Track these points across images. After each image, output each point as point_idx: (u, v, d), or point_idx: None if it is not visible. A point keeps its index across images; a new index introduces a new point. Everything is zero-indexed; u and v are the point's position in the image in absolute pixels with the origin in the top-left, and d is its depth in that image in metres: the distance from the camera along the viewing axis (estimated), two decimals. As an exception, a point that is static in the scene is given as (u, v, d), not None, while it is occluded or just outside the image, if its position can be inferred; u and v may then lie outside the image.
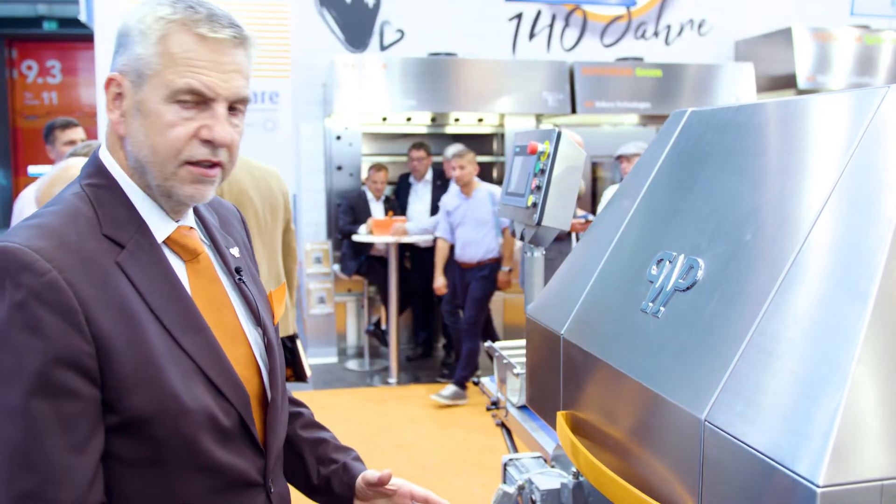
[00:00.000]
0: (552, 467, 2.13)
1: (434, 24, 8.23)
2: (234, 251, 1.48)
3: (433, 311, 7.87)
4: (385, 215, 7.37)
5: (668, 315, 1.33)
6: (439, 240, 6.77)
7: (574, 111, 7.85)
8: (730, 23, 9.04)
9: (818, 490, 0.91)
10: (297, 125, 8.03)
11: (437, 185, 7.41)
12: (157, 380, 1.22)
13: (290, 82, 7.92)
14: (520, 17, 8.56)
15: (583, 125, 8.13)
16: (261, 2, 7.70)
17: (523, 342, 2.38)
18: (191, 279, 1.34)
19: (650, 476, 1.29)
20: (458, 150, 6.47)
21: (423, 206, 7.46)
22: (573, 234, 6.44)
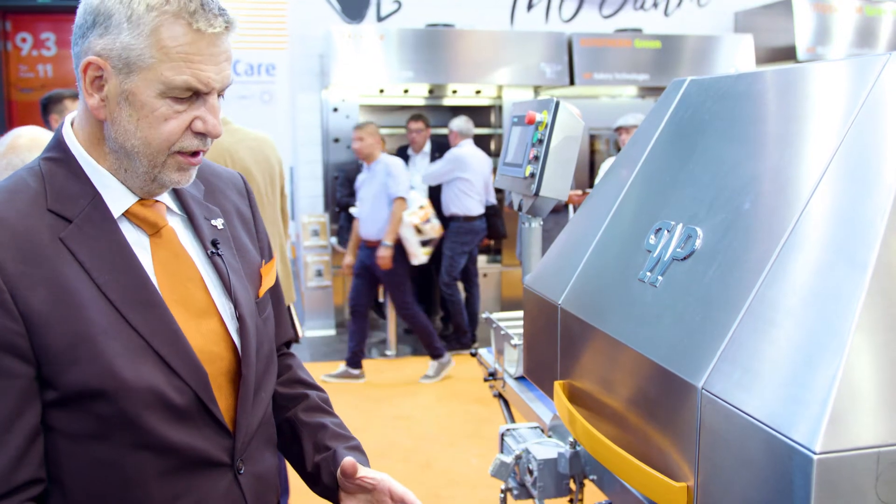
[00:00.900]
0: (549, 437, 2.14)
1: (431, -6, 8.18)
2: (218, 222, 1.44)
3: (431, 283, 7.88)
4: (382, 188, 7.33)
5: (666, 284, 1.33)
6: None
7: (572, 83, 7.81)
8: (729, -7, 8.98)
9: (815, 457, 0.92)
10: (293, 97, 7.99)
11: (436, 158, 7.38)
12: (94, 357, 1.18)
13: (287, 54, 7.87)
14: (518, -13, 8.50)
15: (581, 97, 8.10)
16: (257, -28, 7.64)
17: (521, 313, 2.39)
18: (154, 253, 1.31)
19: (647, 444, 1.30)
20: (359, 123, 6.34)
21: (420, 177, 7.43)
22: (570, 206, 6.44)
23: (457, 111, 8.51)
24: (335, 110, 7.74)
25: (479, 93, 8.07)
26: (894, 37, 8.59)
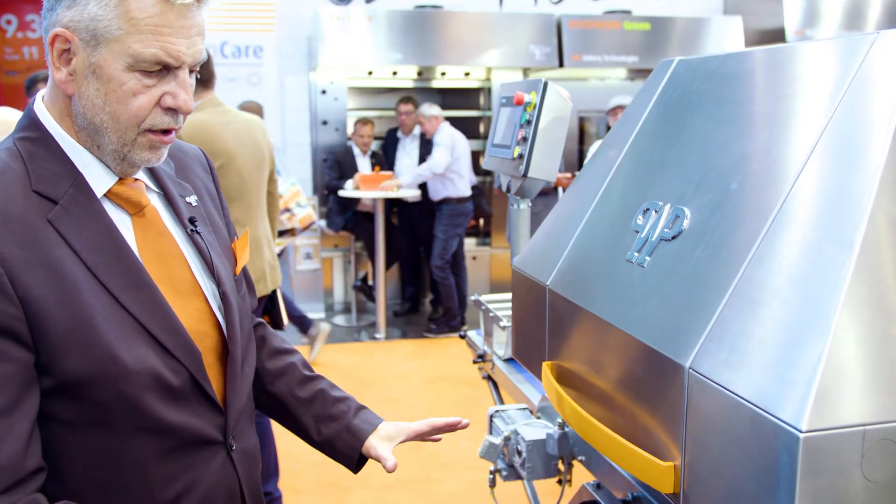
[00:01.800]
0: (538, 418, 2.15)
1: (420, -25, 8.13)
2: (192, 199, 1.41)
3: (420, 266, 7.88)
4: (372, 170, 7.33)
5: (654, 264, 1.33)
6: None
7: (561, 65, 7.79)
8: (719, -25, 8.96)
9: (801, 435, 0.92)
10: (281, 79, 7.95)
11: (426, 140, 7.36)
12: (93, 342, 1.16)
13: (275, 36, 7.83)
14: (507, -32, 8.46)
15: (570, 79, 8.08)
16: (243, -47, 7.58)
17: (509, 296, 2.39)
18: (137, 233, 1.28)
19: (635, 424, 1.30)
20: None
21: (410, 160, 7.42)
22: (559, 189, 6.44)
23: (445, 93, 8.50)
24: (323, 93, 7.71)
25: (467, 75, 8.04)
26: (883, 18, 8.59)
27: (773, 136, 1.25)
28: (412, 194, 7.07)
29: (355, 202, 7.28)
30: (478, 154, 7.85)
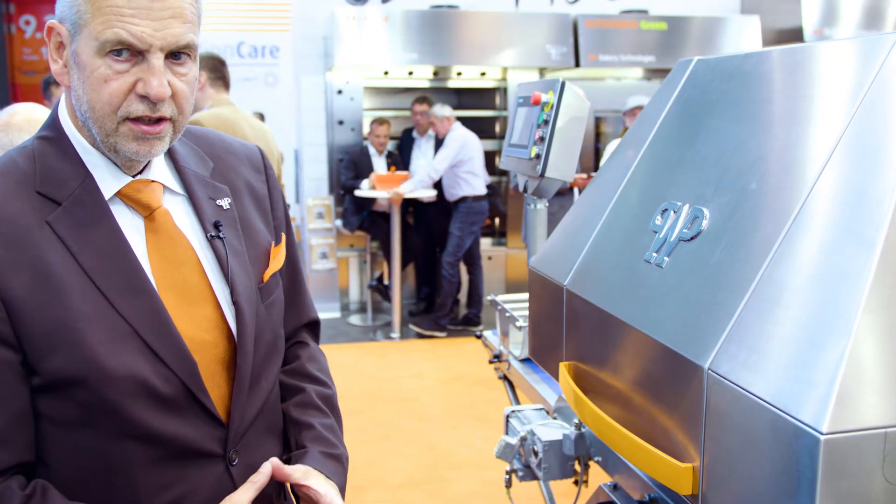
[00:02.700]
0: (554, 419, 2.15)
1: (436, -25, 8.13)
2: (224, 202, 1.38)
3: (435, 266, 7.88)
4: (387, 170, 7.34)
5: (673, 265, 1.32)
6: None
7: (578, 65, 7.77)
8: (736, -26, 8.92)
9: (822, 437, 0.91)
10: (297, 79, 7.97)
11: (441, 140, 7.37)
12: (75, 344, 1.15)
13: (291, 36, 7.84)
14: (523, -32, 8.45)
15: (586, 79, 8.06)
16: (260, -47, 7.61)
17: (525, 296, 2.38)
18: (148, 237, 1.26)
19: (653, 425, 1.29)
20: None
21: (426, 160, 7.42)
22: (576, 190, 6.43)
23: (461, 93, 8.49)
24: (339, 92, 7.72)
25: (483, 75, 8.04)
26: (902, 18, 8.53)
27: (793, 136, 1.24)
28: (427, 195, 7.07)
29: (371, 202, 7.29)
30: (494, 154, 7.84)
